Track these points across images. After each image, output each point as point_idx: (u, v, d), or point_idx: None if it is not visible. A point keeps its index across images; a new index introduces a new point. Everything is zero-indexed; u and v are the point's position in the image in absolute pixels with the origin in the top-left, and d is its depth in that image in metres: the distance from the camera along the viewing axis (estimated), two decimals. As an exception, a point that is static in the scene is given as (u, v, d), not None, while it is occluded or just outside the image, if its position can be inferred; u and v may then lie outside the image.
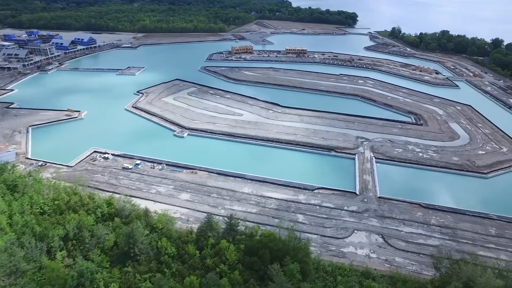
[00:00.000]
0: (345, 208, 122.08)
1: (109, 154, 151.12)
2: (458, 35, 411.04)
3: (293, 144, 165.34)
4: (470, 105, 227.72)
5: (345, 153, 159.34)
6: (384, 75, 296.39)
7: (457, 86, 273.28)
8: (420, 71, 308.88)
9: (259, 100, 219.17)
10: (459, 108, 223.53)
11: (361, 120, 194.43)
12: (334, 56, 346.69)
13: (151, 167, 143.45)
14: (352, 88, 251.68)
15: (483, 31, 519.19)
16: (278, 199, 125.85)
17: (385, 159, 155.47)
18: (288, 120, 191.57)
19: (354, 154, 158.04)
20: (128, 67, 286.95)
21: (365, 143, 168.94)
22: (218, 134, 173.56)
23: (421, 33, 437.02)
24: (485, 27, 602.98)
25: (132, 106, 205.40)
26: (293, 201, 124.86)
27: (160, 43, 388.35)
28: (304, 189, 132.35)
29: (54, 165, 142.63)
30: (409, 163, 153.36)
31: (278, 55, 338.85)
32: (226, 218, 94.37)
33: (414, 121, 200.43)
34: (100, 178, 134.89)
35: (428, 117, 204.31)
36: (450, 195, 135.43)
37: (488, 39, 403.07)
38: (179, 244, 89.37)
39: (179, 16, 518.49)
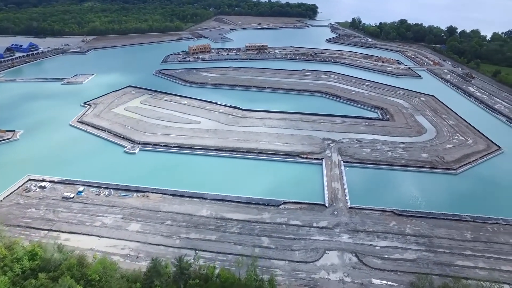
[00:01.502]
0: (314, 224, 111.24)
1: (46, 181, 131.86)
2: (415, 23, 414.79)
3: (255, 152, 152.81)
4: (433, 95, 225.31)
5: (312, 158, 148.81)
6: (347, 68, 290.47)
7: (419, 76, 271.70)
8: (383, 62, 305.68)
9: (218, 104, 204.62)
10: (423, 99, 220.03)
11: (327, 120, 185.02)
12: (296, 50, 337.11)
13: (97, 194, 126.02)
14: (315, 84, 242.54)
15: (438, 19, 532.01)
16: (240, 220, 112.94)
17: (354, 162, 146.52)
18: (250, 125, 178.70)
19: (321, 159, 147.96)
20: (75, 75, 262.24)
21: (332, 145, 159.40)
22: (173, 147, 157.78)
23: (380, 23, 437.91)
24: (439, 15, 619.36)
25: (78, 121, 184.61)
26: (257, 222, 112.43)
27: (112, 46, 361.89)
28: (268, 205, 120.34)
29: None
30: (378, 164, 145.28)
31: (238, 53, 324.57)
32: (175, 261, 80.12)
33: (380, 116, 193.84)
34: (33, 213, 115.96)
35: (394, 111, 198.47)
36: (422, 196, 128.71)
37: (443, 27, 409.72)
38: (120, 298, 74.52)
39: (133, 15, 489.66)
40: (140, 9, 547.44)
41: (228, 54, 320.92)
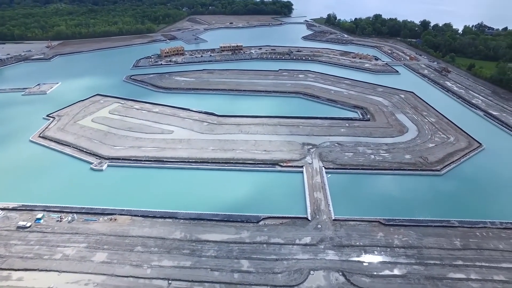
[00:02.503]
0: (297, 241, 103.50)
1: None
2: (390, 18, 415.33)
3: (232, 163, 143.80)
4: (412, 92, 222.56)
5: (292, 166, 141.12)
6: (324, 66, 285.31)
7: (397, 71, 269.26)
8: (360, 58, 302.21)
9: (192, 111, 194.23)
10: (402, 96, 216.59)
11: (306, 123, 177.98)
12: (272, 49, 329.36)
13: (58, 220, 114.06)
14: (293, 84, 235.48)
15: (411, 12, 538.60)
16: (217, 242, 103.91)
17: (336, 168, 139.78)
18: (225, 132, 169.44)
19: (302, 166, 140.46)
20: (38, 84, 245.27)
21: (312, 150, 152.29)
22: (144, 161, 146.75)
23: (356, 19, 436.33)
24: (411, 8, 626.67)
25: (39, 136, 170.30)
26: (235, 242, 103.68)
27: (79, 51, 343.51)
28: (247, 222, 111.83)
29: None
30: (361, 169, 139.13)
31: (212, 54, 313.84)
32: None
33: (361, 116, 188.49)
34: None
35: (374, 110, 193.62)
36: (408, 201, 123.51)
37: (417, 21, 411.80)
38: None
39: (101, 18, 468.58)
40: (110, 11, 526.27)
41: (202, 56, 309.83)
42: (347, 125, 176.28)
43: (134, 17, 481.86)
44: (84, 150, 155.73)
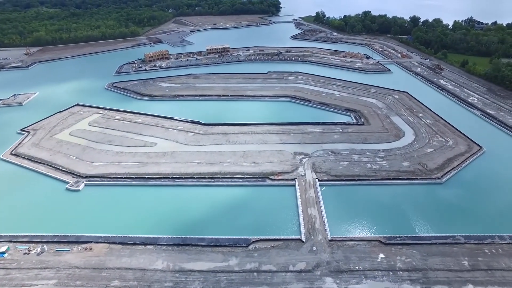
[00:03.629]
0: (291, 267, 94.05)
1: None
2: (379, 15, 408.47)
3: (218, 177, 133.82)
4: (406, 92, 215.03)
5: (283, 179, 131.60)
6: (314, 66, 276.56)
7: (389, 70, 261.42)
8: (351, 57, 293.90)
9: (176, 120, 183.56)
10: (396, 96, 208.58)
11: (297, 129, 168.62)
12: (260, 50, 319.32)
13: (25, 253, 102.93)
14: (282, 87, 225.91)
15: (400, 8, 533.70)
16: (203, 271, 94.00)
17: (331, 180, 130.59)
18: (212, 143, 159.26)
19: (294, 179, 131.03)
20: (14, 95, 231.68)
21: (304, 160, 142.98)
22: (124, 179, 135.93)
23: (345, 16, 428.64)
24: (400, 3, 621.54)
25: (11, 153, 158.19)
26: (223, 271, 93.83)
27: (60, 57, 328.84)
28: (236, 246, 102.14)
29: None
30: (357, 180, 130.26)
31: (198, 58, 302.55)
32: None
33: (354, 120, 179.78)
34: None
35: (368, 113, 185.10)
36: (409, 214, 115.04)
37: (407, 17, 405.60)
38: None
39: (84, 22, 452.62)
40: (93, 15, 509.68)
41: (187, 59, 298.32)
42: (340, 130, 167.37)
43: (118, 20, 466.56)
44: (60, 168, 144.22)
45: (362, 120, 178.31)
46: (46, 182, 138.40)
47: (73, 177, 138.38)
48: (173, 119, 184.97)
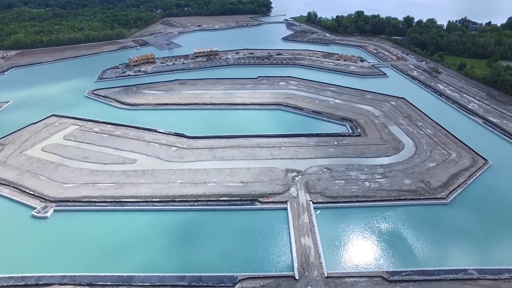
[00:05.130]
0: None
1: None
2: (373, 15, 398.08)
3: (203, 200, 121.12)
4: (403, 98, 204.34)
5: (274, 202, 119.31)
6: (307, 70, 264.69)
7: (385, 74, 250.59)
8: (345, 60, 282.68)
9: (159, 132, 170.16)
10: (393, 103, 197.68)
11: (289, 142, 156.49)
12: (250, 53, 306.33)
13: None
14: (273, 94, 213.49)
15: (392, 7, 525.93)
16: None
17: (326, 202, 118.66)
18: (196, 159, 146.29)
19: (286, 201, 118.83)
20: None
21: (297, 178, 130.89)
22: (98, 203, 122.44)
23: (337, 16, 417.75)
24: (392, 2, 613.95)
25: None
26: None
27: (39, 62, 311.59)
28: (221, 285, 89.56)
29: None
30: (355, 202, 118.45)
31: (185, 62, 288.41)
32: None
33: (350, 130, 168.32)
34: None
35: (365, 123, 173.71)
36: (413, 241, 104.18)
37: (400, 17, 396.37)
38: None
39: (67, 23, 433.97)
40: (77, 15, 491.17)
41: (174, 63, 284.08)
42: (335, 143, 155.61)
43: (103, 21, 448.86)
44: (27, 190, 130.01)
45: (359, 130, 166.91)
46: (10, 208, 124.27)
47: (41, 201, 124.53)
48: (155, 131, 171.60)
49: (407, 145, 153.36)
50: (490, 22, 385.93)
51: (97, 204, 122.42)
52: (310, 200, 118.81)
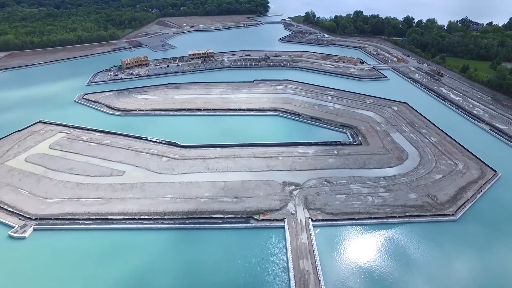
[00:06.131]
0: None
1: None
2: (372, 15, 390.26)
3: (194, 218, 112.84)
4: (406, 103, 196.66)
5: (270, 220, 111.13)
6: (305, 73, 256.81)
7: (386, 77, 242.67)
8: (344, 62, 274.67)
9: (149, 141, 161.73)
10: (396, 108, 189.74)
11: (286, 152, 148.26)
12: (246, 55, 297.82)
13: None
14: (270, 99, 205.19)
15: (391, 7, 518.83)
16: None
17: (326, 220, 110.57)
18: (188, 170, 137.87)
19: (283, 219, 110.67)
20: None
21: (295, 192, 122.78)
22: (83, 220, 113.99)
23: (336, 16, 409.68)
24: (391, 1, 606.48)
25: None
26: None
27: (29, 64, 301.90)
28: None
29: None
30: (358, 219, 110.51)
31: (180, 64, 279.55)
32: None
33: (351, 138, 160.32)
34: None
35: (366, 130, 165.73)
36: (421, 265, 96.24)
37: (400, 17, 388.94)
38: None
39: (59, 24, 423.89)
40: (70, 15, 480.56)
41: (168, 66, 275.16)
42: (335, 152, 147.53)
43: (97, 22, 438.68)
44: (5, 207, 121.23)
45: (360, 138, 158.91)
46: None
47: (20, 219, 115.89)
48: (146, 139, 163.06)
49: (411, 154, 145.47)
50: (491, 22, 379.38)
51: (80, 222, 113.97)
52: (309, 218, 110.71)
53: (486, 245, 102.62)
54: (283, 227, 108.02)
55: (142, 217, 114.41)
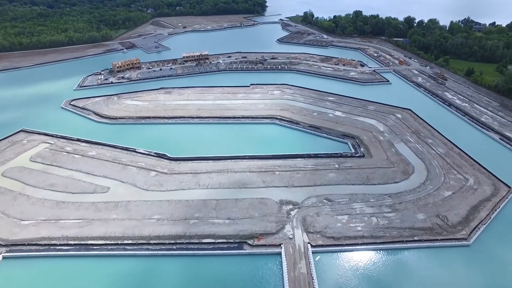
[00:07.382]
0: None
1: None
2: (372, 15, 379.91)
3: (182, 243, 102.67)
4: (409, 109, 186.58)
5: (265, 245, 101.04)
6: (303, 76, 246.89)
7: (388, 80, 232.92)
8: (344, 64, 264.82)
9: (138, 152, 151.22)
10: (399, 116, 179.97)
11: (284, 165, 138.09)
12: (242, 57, 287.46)
13: None
14: (266, 105, 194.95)
15: (391, 7, 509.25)
16: None
17: (327, 245, 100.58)
18: (178, 187, 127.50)
19: (280, 244, 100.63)
20: None
21: (293, 212, 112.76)
22: (59, 246, 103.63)
23: (335, 16, 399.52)
24: (391, 2, 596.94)
25: None
26: None
27: (17, 67, 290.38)
28: None
29: None
30: (361, 244, 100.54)
31: (173, 67, 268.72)
32: None
33: (352, 150, 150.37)
34: None
35: (369, 140, 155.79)
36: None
37: (399, 17, 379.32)
38: None
39: (51, 24, 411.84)
40: (63, 15, 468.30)
41: (161, 69, 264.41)
42: (336, 166, 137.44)
43: (89, 22, 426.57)
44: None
45: (362, 149, 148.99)
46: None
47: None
48: (134, 151, 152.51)
49: (417, 168, 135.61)
50: (494, 23, 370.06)
51: (57, 247, 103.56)
52: (308, 243, 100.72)
53: (503, 273, 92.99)
54: (279, 254, 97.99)
55: (125, 241, 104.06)
